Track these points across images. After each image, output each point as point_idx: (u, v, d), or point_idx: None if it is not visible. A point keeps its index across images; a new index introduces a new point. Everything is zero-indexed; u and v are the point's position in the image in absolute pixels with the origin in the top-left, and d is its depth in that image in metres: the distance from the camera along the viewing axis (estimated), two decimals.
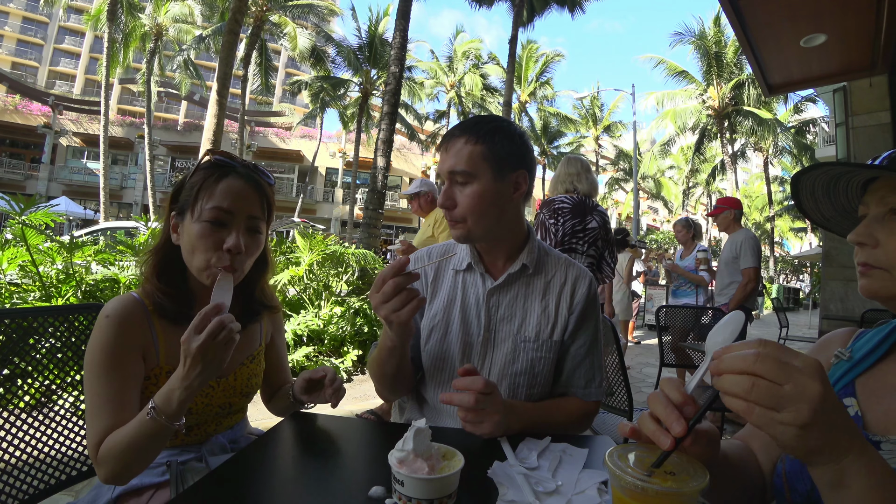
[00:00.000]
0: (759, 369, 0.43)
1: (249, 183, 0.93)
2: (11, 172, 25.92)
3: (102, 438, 0.79)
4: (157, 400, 0.77)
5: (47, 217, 3.17)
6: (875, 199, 0.64)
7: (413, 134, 26.42)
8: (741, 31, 3.37)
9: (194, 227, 0.88)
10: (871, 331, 0.72)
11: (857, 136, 4.64)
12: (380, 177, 7.21)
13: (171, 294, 0.91)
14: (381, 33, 22.49)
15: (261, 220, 0.94)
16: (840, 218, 0.75)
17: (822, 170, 0.66)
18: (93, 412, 0.81)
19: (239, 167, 0.94)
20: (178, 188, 0.94)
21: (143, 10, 20.29)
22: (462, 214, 0.99)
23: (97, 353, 0.83)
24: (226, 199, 0.89)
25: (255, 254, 0.95)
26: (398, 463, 0.61)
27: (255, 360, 1.04)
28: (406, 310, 0.81)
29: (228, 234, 0.89)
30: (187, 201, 0.90)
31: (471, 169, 0.97)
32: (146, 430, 0.76)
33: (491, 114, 1.95)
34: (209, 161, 0.94)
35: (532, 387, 1.03)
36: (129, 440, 0.77)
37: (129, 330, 0.85)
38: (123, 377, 0.84)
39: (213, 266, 0.88)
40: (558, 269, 1.08)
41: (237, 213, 0.90)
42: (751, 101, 20.64)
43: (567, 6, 17.93)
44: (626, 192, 35.79)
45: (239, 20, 8.68)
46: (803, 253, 22.17)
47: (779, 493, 0.66)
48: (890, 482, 0.45)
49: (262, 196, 0.94)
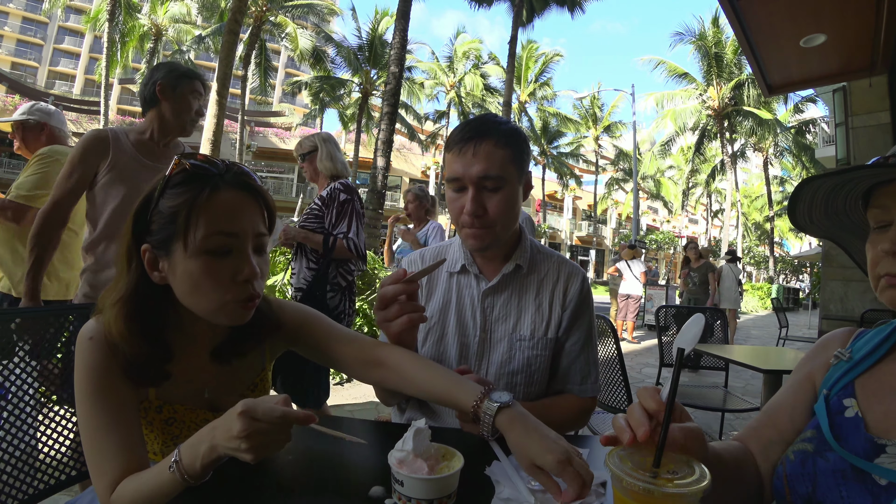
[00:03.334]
0: None
1: (246, 193, 0.75)
2: (11, 173, 25.88)
3: (112, 483, 0.68)
4: (183, 453, 0.64)
5: None
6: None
7: (413, 134, 26.43)
8: (741, 32, 3.37)
9: (192, 264, 0.71)
10: (871, 331, 0.72)
11: (856, 136, 4.65)
12: (380, 177, 7.21)
13: (152, 353, 0.74)
14: (381, 33, 22.51)
15: (267, 236, 0.80)
16: (825, 220, 0.73)
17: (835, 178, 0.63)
18: (95, 453, 0.70)
19: (225, 174, 0.75)
20: (143, 211, 0.74)
21: (142, 10, 20.32)
22: (493, 221, 0.96)
23: (84, 381, 0.71)
24: (226, 220, 0.72)
25: (268, 273, 0.87)
26: (398, 463, 0.61)
27: (257, 389, 0.90)
28: (396, 323, 0.79)
29: (239, 262, 0.74)
30: (170, 230, 0.71)
31: (503, 174, 0.95)
32: (168, 484, 0.64)
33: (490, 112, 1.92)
34: (184, 171, 0.73)
35: (529, 385, 1.03)
36: (149, 492, 0.65)
37: (112, 352, 0.73)
38: (119, 404, 0.72)
39: (230, 303, 0.74)
40: (551, 267, 1.09)
41: (243, 235, 0.74)
42: (751, 101, 20.67)
43: (567, 6, 17.97)
44: (626, 192, 35.81)
45: (239, 20, 8.68)
46: (803, 253, 22.18)
47: (779, 495, 0.66)
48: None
49: (261, 205, 0.78)
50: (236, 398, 0.75)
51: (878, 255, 0.62)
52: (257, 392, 0.89)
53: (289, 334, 0.91)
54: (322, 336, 0.92)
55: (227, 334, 0.84)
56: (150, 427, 0.80)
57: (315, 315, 0.95)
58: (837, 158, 5.02)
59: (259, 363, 0.90)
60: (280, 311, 0.90)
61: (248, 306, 0.76)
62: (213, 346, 0.83)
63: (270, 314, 0.88)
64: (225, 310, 0.74)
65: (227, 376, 0.85)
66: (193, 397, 0.82)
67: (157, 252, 0.73)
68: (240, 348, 0.84)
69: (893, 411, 0.60)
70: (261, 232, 0.77)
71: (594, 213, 35.90)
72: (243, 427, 0.59)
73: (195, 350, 0.82)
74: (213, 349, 0.83)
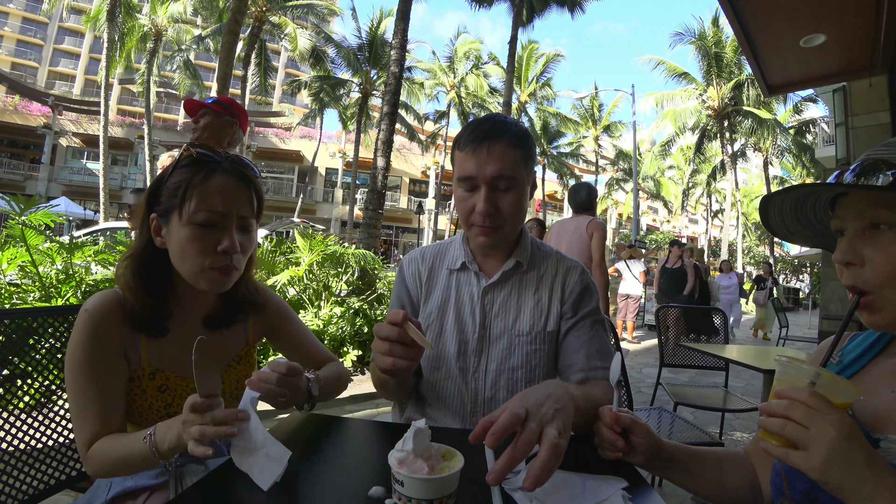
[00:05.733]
0: (791, 414, 0.53)
1: (238, 179, 0.88)
2: (11, 173, 25.91)
3: (90, 440, 0.78)
4: (158, 431, 0.75)
5: (47, 217, 3.17)
6: (851, 213, 0.63)
7: (413, 134, 26.43)
8: (741, 32, 3.37)
9: (184, 231, 0.84)
10: (861, 334, 0.74)
11: (856, 136, 4.65)
12: (380, 177, 7.20)
13: (154, 305, 0.87)
14: (381, 34, 22.50)
15: (252, 219, 0.92)
16: (805, 230, 0.75)
17: (793, 192, 0.67)
18: (78, 413, 0.80)
19: (224, 162, 0.89)
20: (157, 186, 0.89)
21: (142, 10, 20.31)
22: (503, 221, 0.98)
23: (77, 350, 0.81)
24: (216, 199, 0.85)
25: (250, 251, 0.93)
26: (398, 463, 0.60)
27: (242, 361, 1.01)
28: (383, 360, 0.77)
29: (221, 235, 0.86)
30: (172, 202, 0.85)
31: (516, 174, 0.96)
32: (138, 452, 0.75)
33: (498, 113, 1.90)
34: (191, 156, 0.88)
35: (531, 381, 1.03)
36: (121, 455, 0.76)
37: (108, 327, 0.83)
38: (105, 375, 0.82)
39: (207, 269, 0.85)
40: (549, 263, 1.09)
41: (229, 214, 0.86)
42: (750, 101, 20.66)
43: (567, 6, 17.93)
44: (626, 193, 35.80)
45: (239, 20, 8.67)
46: (803, 253, 22.16)
47: (778, 491, 0.67)
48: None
49: (251, 192, 0.91)
50: (224, 368, 0.96)
51: (838, 266, 0.65)
52: (242, 364, 1.01)
53: (270, 319, 1.07)
54: (293, 332, 1.09)
55: (217, 305, 0.97)
56: (145, 396, 0.87)
57: (292, 312, 1.11)
58: (837, 158, 5.02)
59: (243, 338, 1.03)
60: (266, 295, 1.06)
61: (224, 274, 0.87)
62: (204, 315, 0.95)
63: (256, 294, 1.02)
64: (204, 275, 0.86)
65: (215, 346, 0.96)
66: (184, 365, 0.91)
67: (160, 220, 0.87)
68: (228, 319, 0.97)
69: (885, 407, 0.61)
70: (246, 214, 0.89)
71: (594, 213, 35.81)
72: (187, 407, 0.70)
73: (188, 318, 0.93)
74: (205, 317, 0.95)
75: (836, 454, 0.50)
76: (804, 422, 0.52)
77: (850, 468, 0.50)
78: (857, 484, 0.50)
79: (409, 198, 31.42)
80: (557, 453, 0.58)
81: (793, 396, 0.54)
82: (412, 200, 30.65)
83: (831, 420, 0.51)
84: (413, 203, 29.73)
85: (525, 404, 0.62)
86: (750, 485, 0.77)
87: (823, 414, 0.51)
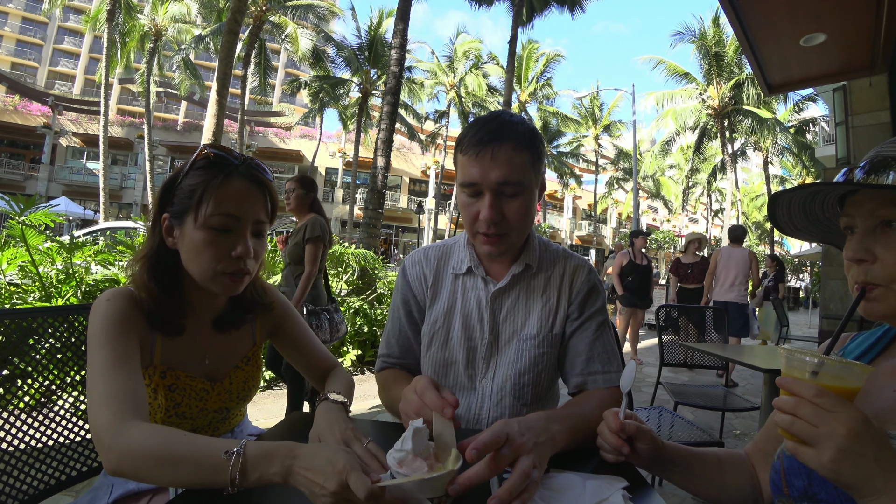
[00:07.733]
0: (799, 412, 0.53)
1: (254, 184, 0.88)
2: (11, 173, 25.93)
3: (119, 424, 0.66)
4: (250, 454, 0.61)
5: (47, 217, 3.18)
6: (862, 212, 0.63)
7: (413, 134, 26.42)
8: (741, 31, 3.37)
9: (198, 234, 0.83)
10: (862, 334, 0.74)
11: (856, 135, 4.65)
12: (380, 177, 7.21)
13: (167, 303, 0.85)
14: (381, 34, 22.50)
15: (266, 223, 0.91)
16: (812, 227, 0.75)
17: (802, 191, 0.68)
18: (106, 394, 0.70)
19: (240, 165, 0.87)
20: (170, 186, 0.87)
21: (142, 10, 20.30)
22: (509, 228, 0.92)
23: (100, 326, 0.77)
24: (232, 204, 0.84)
25: (262, 255, 0.92)
26: (397, 463, 0.61)
27: (249, 362, 1.01)
28: (407, 415, 0.74)
29: (236, 240, 0.85)
30: (187, 204, 0.84)
31: (523, 179, 0.90)
32: (207, 462, 0.61)
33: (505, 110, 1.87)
34: (207, 158, 0.87)
35: (537, 384, 1.01)
36: (178, 454, 0.62)
37: (132, 314, 0.82)
38: (133, 356, 0.77)
39: (220, 273, 0.84)
40: (557, 263, 1.05)
41: (244, 219, 0.85)
42: (751, 100, 20.65)
43: (567, 6, 17.93)
44: (626, 192, 35.81)
45: (238, 20, 8.67)
46: (803, 252, 22.16)
47: (776, 489, 0.67)
48: None
49: (266, 196, 0.90)
50: (231, 368, 0.98)
51: (847, 262, 0.65)
52: (250, 365, 1.01)
53: (275, 320, 1.06)
54: (297, 332, 1.07)
55: (226, 306, 0.96)
56: (155, 394, 0.87)
57: (295, 312, 1.10)
58: (837, 158, 5.03)
59: (251, 338, 1.02)
60: (273, 296, 1.05)
61: (237, 280, 0.86)
62: (214, 316, 0.95)
63: (264, 294, 1.02)
64: (216, 279, 0.85)
65: (224, 347, 0.96)
66: (194, 365, 0.92)
67: (173, 221, 0.86)
68: (237, 320, 0.97)
69: (888, 406, 0.62)
70: (261, 219, 0.89)
71: (594, 213, 35.85)
72: (337, 489, 0.55)
73: (198, 319, 0.93)
74: (215, 319, 0.95)
75: (846, 452, 0.50)
76: (812, 420, 0.52)
77: (860, 465, 0.50)
78: (868, 480, 0.50)
79: (409, 197, 31.41)
80: (527, 481, 0.61)
81: (799, 393, 0.54)
82: (412, 200, 30.64)
83: (840, 417, 0.51)
84: (413, 203, 29.72)
85: (508, 430, 0.65)
86: (750, 486, 0.77)
87: (832, 412, 0.51)
